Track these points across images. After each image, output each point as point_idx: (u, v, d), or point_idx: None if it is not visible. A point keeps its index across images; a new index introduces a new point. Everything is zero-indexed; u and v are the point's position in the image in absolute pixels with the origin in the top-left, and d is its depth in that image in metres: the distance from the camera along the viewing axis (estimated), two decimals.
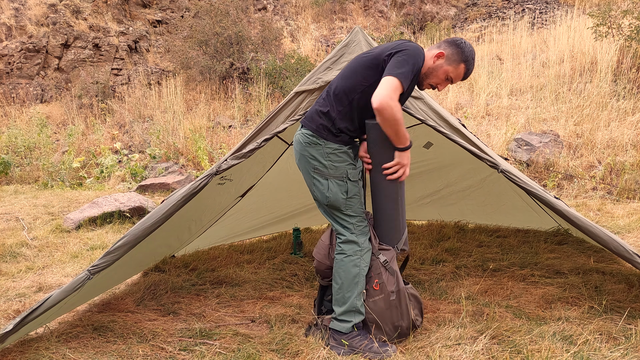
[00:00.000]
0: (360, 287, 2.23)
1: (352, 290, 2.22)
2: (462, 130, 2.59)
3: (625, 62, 8.12)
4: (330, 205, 2.26)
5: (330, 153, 2.22)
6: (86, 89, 11.14)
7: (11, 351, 2.26)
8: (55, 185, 7.75)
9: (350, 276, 2.22)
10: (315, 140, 2.23)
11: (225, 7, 11.08)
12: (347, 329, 2.22)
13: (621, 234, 4.30)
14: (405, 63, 2.06)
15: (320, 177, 2.24)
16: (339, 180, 2.23)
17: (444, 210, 4.60)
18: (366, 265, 2.25)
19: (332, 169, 2.23)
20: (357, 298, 2.23)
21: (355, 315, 2.23)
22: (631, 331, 2.30)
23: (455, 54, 2.18)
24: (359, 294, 2.23)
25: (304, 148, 2.26)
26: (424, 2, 14.41)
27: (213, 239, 4.05)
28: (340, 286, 2.24)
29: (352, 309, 2.22)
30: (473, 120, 8.08)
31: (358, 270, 2.23)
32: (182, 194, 2.40)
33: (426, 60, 2.21)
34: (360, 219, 2.30)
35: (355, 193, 2.28)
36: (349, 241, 2.25)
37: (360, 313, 2.24)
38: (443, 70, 2.20)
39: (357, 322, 2.23)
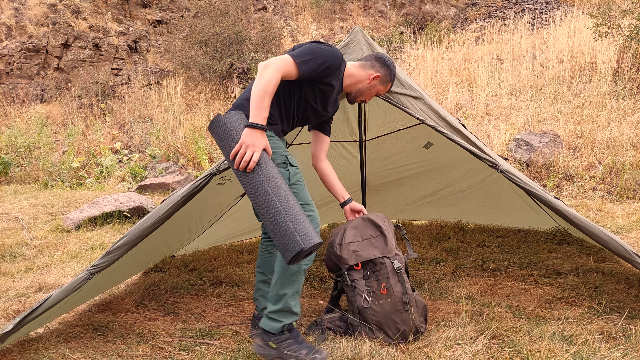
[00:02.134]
0: (297, 287, 2.06)
1: (288, 288, 2.05)
2: (462, 130, 2.59)
3: (625, 62, 8.12)
4: None
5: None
6: (86, 89, 11.14)
7: (11, 351, 2.26)
8: (55, 185, 7.75)
9: (289, 273, 2.03)
10: None
11: (225, 7, 11.08)
12: (276, 329, 2.06)
13: (621, 234, 4.30)
14: (311, 53, 2.03)
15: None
16: (280, 168, 2.06)
17: (443, 210, 4.60)
18: (307, 263, 2.07)
19: (272, 156, 2.04)
20: (291, 297, 2.06)
21: (287, 316, 2.07)
22: (631, 331, 2.30)
23: (387, 75, 2.30)
24: (294, 293, 2.06)
25: None
26: (424, 2, 14.41)
27: (213, 239, 4.06)
28: (276, 282, 2.06)
29: (285, 308, 2.06)
30: (473, 120, 8.08)
31: (297, 268, 2.04)
32: (182, 194, 2.40)
33: (362, 77, 2.26)
34: (309, 209, 2.08)
35: (299, 179, 2.11)
36: None
37: (294, 314, 2.08)
38: (376, 89, 2.32)
39: (289, 323, 2.08)
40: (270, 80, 1.92)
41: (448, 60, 10.54)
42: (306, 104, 2.22)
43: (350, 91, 2.31)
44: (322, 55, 2.06)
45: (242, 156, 1.85)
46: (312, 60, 2.03)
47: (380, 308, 2.22)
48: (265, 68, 1.94)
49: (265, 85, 1.91)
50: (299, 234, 1.79)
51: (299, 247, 1.77)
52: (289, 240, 1.78)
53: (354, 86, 2.27)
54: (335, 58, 2.11)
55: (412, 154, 4.15)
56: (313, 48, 2.07)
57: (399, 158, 4.24)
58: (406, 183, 4.49)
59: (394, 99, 2.58)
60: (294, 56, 2.01)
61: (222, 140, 1.94)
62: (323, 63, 2.06)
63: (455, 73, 9.86)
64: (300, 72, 2.01)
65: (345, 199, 2.52)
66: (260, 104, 1.91)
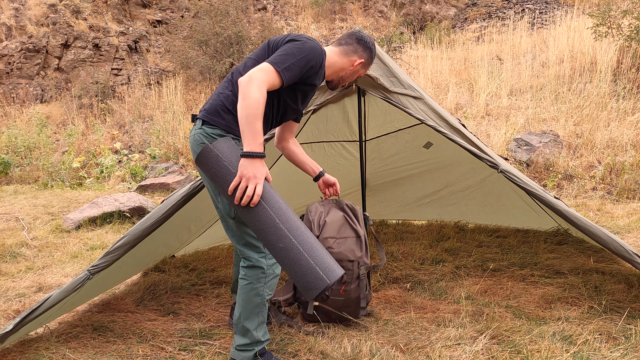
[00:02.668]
0: (261, 318, 2.00)
1: (252, 321, 1.98)
2: (462, 130, 2.59)
3: (625, 62, 8.12)
4: (238, 219, 1.90)
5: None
6: (86, 89, 11.14)
7: (11, 351, 2.26)
8: (55, 185, 7.75)
9: (251, 306, 1.96)
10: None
11: (225, 7, 11.08)
12: (248, 358, 2.01)
13: (621, 234, 4.30)
14: (292, 56, 1.83)
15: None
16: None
17: (443, 210, 4.60)
18: (270, 293, 1.99)
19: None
20: (257, 330, 2.00)
21: (257, 345, 2.02)
22: (631, 331, 2.30)
23: (370, 58, 2.18)
24: (259, 325, 2.00)
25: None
26: (424, 2, 14.41)
27: (213, 239, 4.06)
28: (240, 315, 1.98)
29: (253, 341, 2.00)
30: (473, 121, 8.08)
31: (260, 300, 1.96)
32: (182, 194, 2.40)
33: (345, 64, 2.11)
34: None
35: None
36: (253, 266, 1.93)
37: (262, 342, 2.03)
38: (359, 73, 2.21)
39: (260, 348, 2.03)
40: (259, 100, 1.71)
41: (448, 60, 10.54)
42: (286, 107, 2.07)
43: (332, 79, 2.17)
44: (303, 56, 1.87)
45: (242, 190, 1.69)
46: (295, 65, 1.84)
47: (334, 302, 2.34)
48: (249, 85, 1.72)
49: (255, 106, 1.70)
50: (321, 268, 1.65)
51: (324, 284, 1.64)
52: (311, 277, 1.65)
53: (337, 74, 2.14)
54: (317, 55, 1.93)
55: (412, 154, 4.15)
56: (293, 49, 1.86)
57: (399, 158, 4.24)
58: (406, 183, 4.49)
59: (394, 99, 2.58)
60: (274, 64, 1.80)
61: (215, 173, 1.74)
62: (306, 64, 1.89)
63: (455, 73, 9.86)
64: (284, 81, 1.83)
65: (317, 172, 2.38)
66: (253, 128, 1.70)
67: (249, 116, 1.70)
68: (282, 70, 1.80)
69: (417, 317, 2.59)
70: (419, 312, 2.67)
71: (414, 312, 2.66)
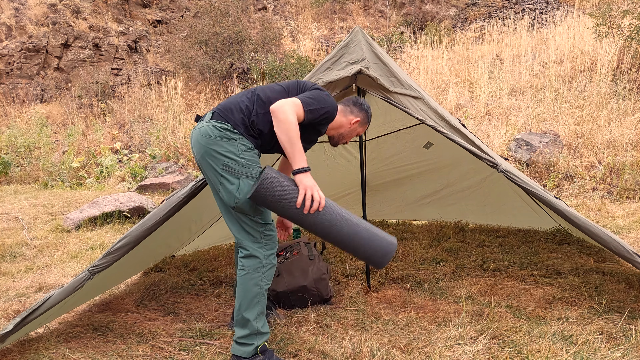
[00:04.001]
0: (260, 308, 2.08)
1: (252, 311, 2.05)
2: (462, 130, 2.59)
3: (625, 62, 8.12)
4: (238, 209, 2.04)
5: (245, 150, 2.07)
6: (86, 89, 11.14)
7: (11, 351, 2.26)
8: (55, 185, 7.75)
9: (250, 296, 2.05)
10: (229, 134, 2.05)
11: (225, 7, 11.08)
12: (248, 353, 2.05)
13: (621, 234, 4.30)
14: (317, 102, 2.09)
15: (230, 175, 2.03)
16: (251, 180, 2.04)
17: (444, 210, 4.60)
18: (268, 283, 2.09)
19: (246, 167, 2.05)
20: (257, 320, 2.07)
21: (257, 338, 2.07)
22: (631, 331, 2.30)
23: (365, 117, 2.38)
24: (259, 315, 2.07)
25: (214, 142, 2.04)
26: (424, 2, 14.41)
27: (213, 239, 4.06)
28: (240, 306, 2.06)
29: (253, 332, 2.06)
30: (473, 120, 8.08)
31: (258, 290, 2.05)
32: (182, 194, 2.40)
33: (344, 122, 2.33)
34: (269, 228, 2.11)
35: None
36: (250, 256, 2.06)
37: (263, 334, 2.08)
38: (357, 132, 2.40)
39: (260, 343, 2.07)
40: (295, 123, 1.99)
41: (448, 60, 10.54)
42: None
43: (332, 135, 2.37)
44: (325, 106, 2.12)
45: (310, 200, 1.95)
46: (317, 110, 2.09)
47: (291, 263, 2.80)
48: (283, 112, 1.98)
49: (293, 129, 1.98)
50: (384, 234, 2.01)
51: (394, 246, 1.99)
52: (385, 243, 1.97)
53: (337, 130, 2.34)
54: (333, 110, 2.18)
55: (412, 154, 4.15)
56: (319, 96, 2.12)
57: (399, 158, 4.24)
58: (406, 183, 4.49)
59: (394, 99, 2.58)
60: (304, 102, 2.05)
61: (280, 196, 1.95)
62: (324, 113, 2.13)
63: (456, 73, 9.86)
64: (305, 120, 2.07)
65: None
66: (297, 147, 1.99)
67: (292, 138, 1.99)
68: (307, 110, 2.05)
69: (417, 317, 2.59)
70: (419, 312, 2.67)
71: (414, 312, 2.66)
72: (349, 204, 4.73)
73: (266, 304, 2.39)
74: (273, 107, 2.01)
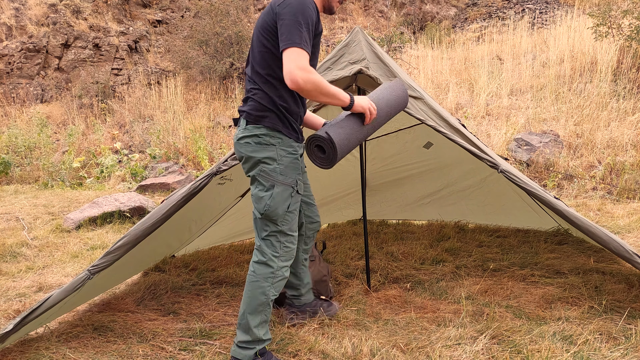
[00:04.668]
0: (264, 317, 2.06)
1: (255, 319, 2.03)
2: (462, 130, 2.59)
3: (625, 62, 8.12)
4: (266, 216, 2.00)
5: (285, 156, 2.01)
6: (86, 89, 11.15)
7: (11, 351, 2.26)
8: (56, 185, 7.75)
9: (255, 303, 2.03)
10: (268, 139, 1.99)
11: (225, 7, 11.08)
12: (248, 357, 2.03)
13: (621, 234, 4.30)
14: (295, 24, 1.85)
15: (264, 181, 1.99)
16: (287, 188, 2.00)
17: (444, 210, 4.60)
18: (275, 294, 2.06)
19: (283, 175, 2.00)
20: (259, 328, 2.05)
21: (258, 344, 2.06)
22: (631, 331, 2.30)
23: None
24: (261, 323, 2.05)
25: (253, 149, 1.99)
26: (424, 2, 14.41)
27: (213, 239, 4.06)
28: (244, 311, 2.04)
29: (254, 339, 2.05)
30: (473, 120, 8.08)
31: (265, 299, 2.03)
32: (182, 194, 2.40)
33: None
34: (291, 240, 2.07)
35: (296, 208, 2.08)
36: (264, 263, 2.03)
37: (263, 341, 2.08)
38: None
39: (260, 348, 2.06)
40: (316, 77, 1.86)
41: (448, 60, 10.54)
42: None
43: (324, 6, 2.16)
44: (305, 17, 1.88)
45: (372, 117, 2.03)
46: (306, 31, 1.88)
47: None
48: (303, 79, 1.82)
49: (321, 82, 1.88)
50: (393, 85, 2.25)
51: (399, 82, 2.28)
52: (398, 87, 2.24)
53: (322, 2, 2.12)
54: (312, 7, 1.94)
55: (412, 154, 4.15)
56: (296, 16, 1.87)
57: (399, 158, 4.24)
58: (406, 183, 4.49)
59: None
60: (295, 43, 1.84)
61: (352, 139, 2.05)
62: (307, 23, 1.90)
63: (456, 73, 9.86)
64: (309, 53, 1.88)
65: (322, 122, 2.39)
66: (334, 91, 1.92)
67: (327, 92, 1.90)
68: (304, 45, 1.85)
69: (417, 317, 2.59)
70: (419, 312, 2.67)
71: (414, 312, 2.66)
72: (349, 204, 4.73)
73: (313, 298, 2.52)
74: (290, 84, 1.83)
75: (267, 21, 1.97)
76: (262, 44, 1.99)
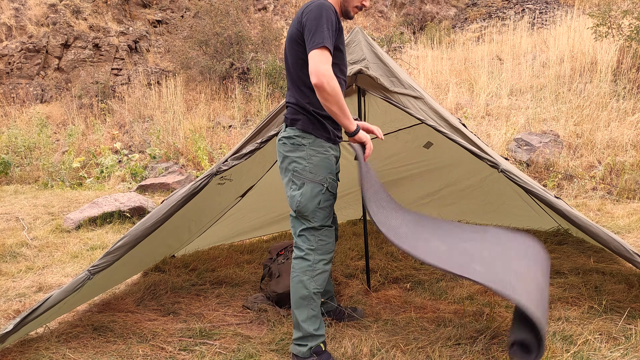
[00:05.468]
0: (310, 311, 2.09)
1: (302, 313, 2.09)
2: (463, 130, 2.59)
3: (625, 62, 8.12)
4: (299, 213, 2.09)
5: (314, 155, 2.09)
6: (86, 89, 11.14)
7: (11, 351, 2.26)
8: (55, 185, 7.75)
9: (297, 297, 2.09)
10: (300, 140, 2.10)
11: (225, 7, 11.08)
12: (303, 353, 2.09)
13: (621, 234, 4.29)
14: (318, 27, 1.95)
15: (297, 179, 2.09)
16: (317, 186, 2.07)
17: (444, 210, 4.60)
18: (317, 288, 2.09)
19: (312, 173, 2.07)
20: (307, 322, 2.09)
21: (311, 340, 2.09)
22: (631, 331, 2.30)
23: None
24: (309, 318, 2.09)
25: (287, 149, 2.12)
26: (424, 2, 14.41)
27: (213, 239, 4.05)
28: (293, 308, 2.12)
29: (305, 334, 2.09)
30: (473, 120, 8.08)
31: (307, 293, 2.07)
32: (182, 194, 2.40)
33: None
34: (325, 234, 2.12)
35: (328, 205, 2.14)
36: (301, 258, 2.10)
37: (316, 336, 2.10)
38: None
39: (314, 345, 2.10)
40: (339, 89, 1.95)
41: (448, 60, 10.54)
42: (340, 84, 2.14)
43: (341, 9, 2.19)
44: (325, 20, 1.97)
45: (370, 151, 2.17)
46: (327, 31, 1.97)
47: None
48: (327, 83, 1.90)
49: (341, 96, 1.96)
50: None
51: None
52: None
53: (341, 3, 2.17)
54: (328, 10, 2.01)
55: (412, 154, 4.15)
56: (315, 19, 1.96)
57: (399, 158, 4.24)
58: (406, 183, 4.49)
59: (394, 99, 2.58)
60: (319, 44, 1.93)
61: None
62: (329, 26, 1.98)
63: (456, 73, 9.86)
64: (331, 48, 1.97)
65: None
66: (344, 112, 2.00)
67: (342, 106, 1.98)
68: (327, 44, 1.93)
69: (417, 317, 2.59)
70: (419, 312, 2.67)
71: (414, 312, 2.66)
72: (349, 204, 4.73)
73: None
74: (315, 81, 1.91)
75: (294, 32, 2.09)
76: (293, 54, 2.12)
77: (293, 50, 2.11)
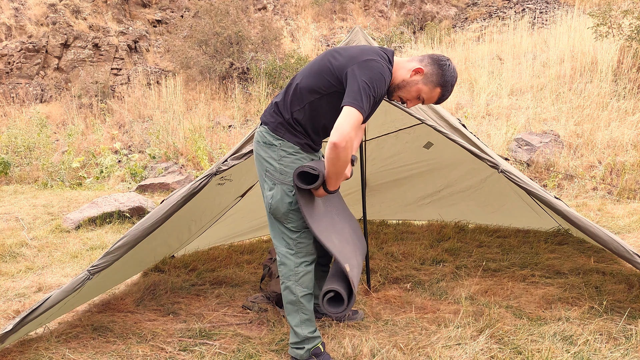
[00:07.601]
0: (301, 315, 2.07)
1: (294, 318, 2.08)
2: (462, 130, 2.59)
3: (625, 62, 8.11)
4: (273, 214, 2.05)
5: (285, 156, 2.02)
6: (86, 89, 11.14)
7: (11, 351, 2.26)
8: (55, 185, 7.75)
9: (286, 302, 2.09)
10: (270, 139, 2.03)
11: (225, 7, 11.07)
12: (302, 356, 2.09)
13: (621, 234, 4.29)
14: (368, 90, 1.83)
15: (269, 180, 2.04)
16: (287, 188, 2.01)
17: (444, 211, 4.60)
18: (304, 291, 2.06)
19: (283, 174, 2.01)
20: (302, 327, 2.08)
21: (307, 342, 2.10)
22: (631, 331, 2.30)
23: (435, 75, 1.97)
24: (302, 322, 2.08)
25: (260, 147, 2.08)
26: (424, 2, 14.40)
27: (213, 239, 4.05)
28: (285, 314, 2.12)
29: (301, 338, 2.09)
30: (473, 120, 8.07)
31: (294, 298, 2.05)
32: (181, 194, 2.40)
33: (402, 71, 2.00)
34: (304, 236, 2.05)
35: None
36: (282, 263, 2.07)
37: (312, 339, 2.10)
38: (417, 88, 2.00)
39: (311, 347, 2.09)
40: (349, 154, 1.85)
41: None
42: None
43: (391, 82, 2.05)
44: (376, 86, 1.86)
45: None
46: (371, 96, 1.85)
47: None
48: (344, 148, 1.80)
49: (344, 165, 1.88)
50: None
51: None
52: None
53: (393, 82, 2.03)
54: (385, 81, 1.91)
55: (412, 154, 4.14)
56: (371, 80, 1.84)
57: (399, 158, 4.23)
58: (406, 183, 4.48)
59: None
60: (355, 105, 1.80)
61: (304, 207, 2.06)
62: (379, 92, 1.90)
63: None
64: (364, 116, 1.85)
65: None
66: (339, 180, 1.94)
67: (340, 174, 1.92)
68: (363, 110, 1.82)
69: (417, 317, 2.58)
70: (419, 312, 2.67)
71: (414, 312, 2.66)
72: (349, 204, 4.71)
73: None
74: (335, 138, 1.78)
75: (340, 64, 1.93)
76: (319, 79, 1.97)
77: (323, 77, 1.96)
